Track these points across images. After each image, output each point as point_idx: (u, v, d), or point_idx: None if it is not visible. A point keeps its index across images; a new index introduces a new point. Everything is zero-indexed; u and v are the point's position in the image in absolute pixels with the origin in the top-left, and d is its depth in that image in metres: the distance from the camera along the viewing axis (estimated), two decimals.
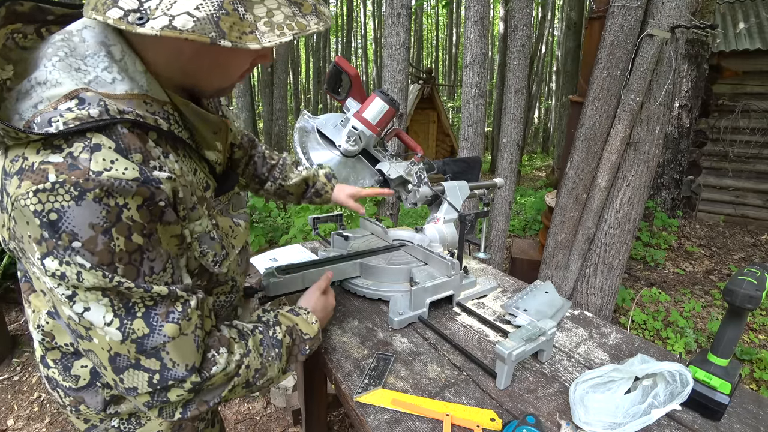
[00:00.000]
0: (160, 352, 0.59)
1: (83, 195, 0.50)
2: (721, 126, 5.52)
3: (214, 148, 0.75)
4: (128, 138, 0.56)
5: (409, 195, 1.38)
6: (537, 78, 15.88)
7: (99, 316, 0.55)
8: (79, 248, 0.52)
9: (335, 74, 1.31)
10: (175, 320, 0.59)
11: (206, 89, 0.70)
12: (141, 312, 0.57)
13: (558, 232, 2.80)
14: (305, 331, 0.83)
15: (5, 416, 2.34)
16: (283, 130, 7.63)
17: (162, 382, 0.60)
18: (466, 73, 3.35)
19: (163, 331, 0.58)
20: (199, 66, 0.63)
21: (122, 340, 0.56)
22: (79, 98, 0.54)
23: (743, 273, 0.81)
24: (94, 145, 0.53)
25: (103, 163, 0.52)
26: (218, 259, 0.73)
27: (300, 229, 3.29)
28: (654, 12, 2.31)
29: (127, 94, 0.58)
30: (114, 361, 0.58)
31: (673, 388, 0.80)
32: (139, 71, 0.60)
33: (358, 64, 23.83)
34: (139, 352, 0.58)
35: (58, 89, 0.54)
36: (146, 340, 0.58)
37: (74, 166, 0.51)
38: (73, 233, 0.51)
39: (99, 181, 0.51)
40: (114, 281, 0.54)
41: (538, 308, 1.18)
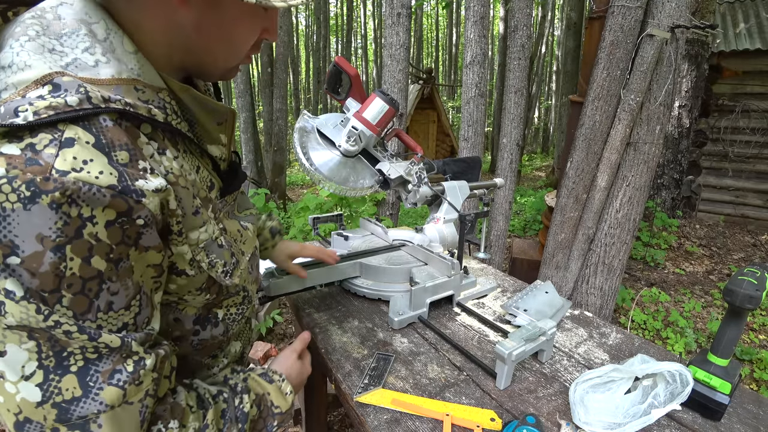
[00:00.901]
0: (90, 424, 0.44)
1: (36, 197, 0.39)
2: (721, 126, 5.52)
3: (219, 141, 0.64)
4: (113, 132, 0.46)
5: (409, 195, 1.38)
6: (537, 78, 15.88)
7: (16, 364, 0.42)
8: (15, 266, 0.40)
9: (335, 74, 1.31)
10: (120, 383, 0.45)
11: (212, 69, 0.62)
12: (77, 366, 0.43)
13: (558, 232, 2.80)
14: (276, 403, 0.68)
15: None
16: (283, 130, 7.63)
17: None
18: (466, 73, 3.35)
19: (101, 396, 0.44)
20: (204, 40, 0.56)
21: (41, 402, 0.42)
22: (53, 84, 0.44)
23: (743, 273, 0.81)
24: (66, 140, 0.42)
25: (72, 162, 0.42)
26: (228, 269, 0.63)
27: (300, 229, 3.29)
28: (654, 12, 2.31)
29: (113, 79, 0.49)
30: (20, 429, 0.43)
31: (673, 388, 0.80)
32: (128, 52, 0.51)
33: (358, 64, 23.84)
34: (61, 421, 0.43)
35: (26, 73, 0.44)
36: (75, 406, 0.43)
37: (33, 160, 0.40)
38: (12, 245, 0.39)
39: (62, 182, 0.40)
40: (49, 321, 0.41)
41: (538, 308, 1.18)
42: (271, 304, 2.95)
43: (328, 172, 1.25)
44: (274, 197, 7.13)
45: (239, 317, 0.71)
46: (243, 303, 0.71)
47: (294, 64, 17.36)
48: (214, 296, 0.64)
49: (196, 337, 0.64)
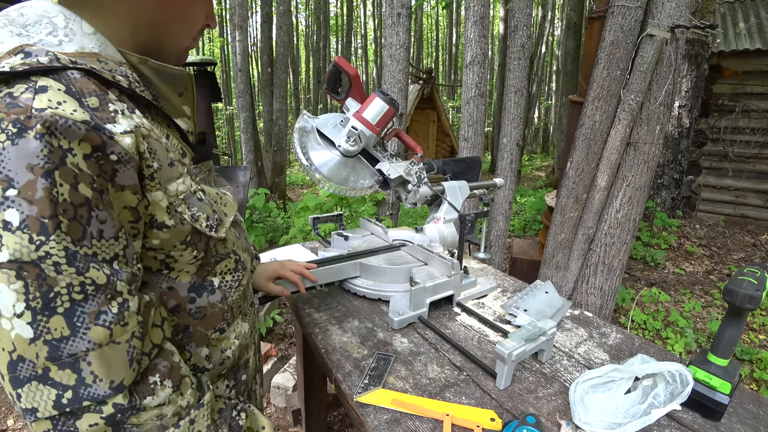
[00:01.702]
0: (80, 362, 0.45)
1: (22, 132, 0.43)
2: (721, 126, 5.52)
3: (183, 113, 0.67)
4: (81, 82, 0.50)
5: (409, 195, 1.38)
6: (537, 78, 15.88)
7: (8, 301, 0.43)
8: (14, 197, 0.43)
9: (335, 74, 1.31)
10: (105, 324, 0.47)
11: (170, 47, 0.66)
12: (63, 308, 0.45)
13: (558, 232, 2.80)
14: None
15: (5, 416, 2.33)
16: (283, 130, 7.63)
17: (74, 403, 0.45)
18: (466, 73, 3.35)
19: (88, 335, 0.46)
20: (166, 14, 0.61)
21: (33, 338, 0.44)
22: (25, 52, 0.49)
23: (743, 273, 0.81)
24: (40, 87, 0.46)
25: (47, 102, 0.45)
26: (212, 224, 0.64)
27: (300, 229, 3.29)
28: (654, 12, 2.31)
29: (77, 53, 0.53)
30: (14, 369, 0.44)
31: (673, 388, 0.80)
32: (86, 33, 0.55)
33: (358, 64, 23.84)
34: (52, 359, 0.45)
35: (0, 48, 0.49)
36: (64, 344, 0.45)
37: (13, 104, 0.44)
38: (7, 179, 0.43)
39: (42, 116, 0.44)
40: (40, 251, 0.43)
41: (538, 308, 1.18)
42: (271, 304, 2.95)
43: (328, 172, 1.25)
44: (274, 197, 7.13)
45: (236, 284, 0.72)
46: (237, 269, 0.72)
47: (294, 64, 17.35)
48: (203, 254, 0.64)
49: (193, 305, 0.65)
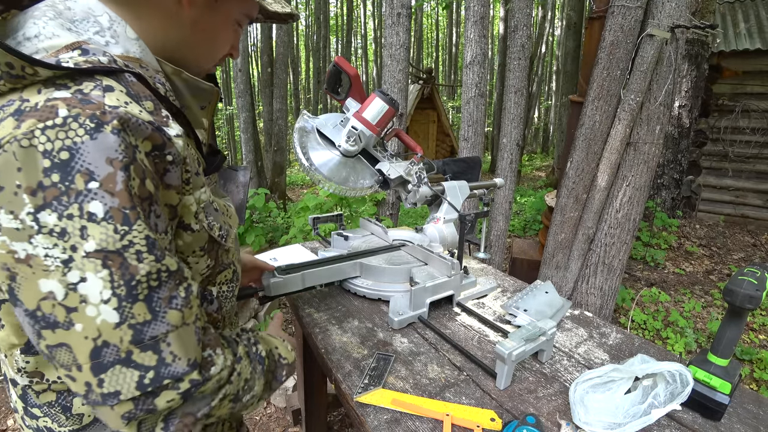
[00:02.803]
0: (160, 343, 0.48)
1: (100, 127, 0.45)
2: (721, 126, 5.52)
3: (201, 125, 0.70)
4: (137, 86, 0.53)
5: (409, 195, 1.38)
6: (537, 78, 15.88)
7: (95, 289, 0.45)
8: (96, 189, 0.44)
9: (335, 74, 1.31)
10: (178, 307, 0.50)
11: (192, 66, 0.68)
12: (143, 295, 0.47)
13: (558, 232, 2.80)
14: (284, 355, 0.74)
15: (5, 416, 2.33)
16: (283, 130, 7.63)
17: (156, 382, 0.48)
18: (466, 73, 3.35)
19: (167, 318, 0.49)
20: (196, 36, 0.65)
21: (118, 323, 0.46)
22: (82, 48, 0.50)
23: (743, 273, 0.81)
24: (106, 86, 0.49)
25: (117, 101, 0.48)
26: (224, 233, 0.67)
27: (300, 229, 3.29)
28: (654, 12, 2.31)
29: (122, 56, 0.55)
30: (97, 355, 0.46)
31: (673, 388, 0.80)
32: (130, 38, 0.57)
33: (358, 64, 23.83)
34: (135, 342, 0.47)
35: (55, 41, 0.51)
36: (147, 327, 0.48)
37: (87, 100, 0.46)
38: (88, 172, 0.44)
39: (117, 113, 0.46)
40: (124, 240, 0.46)
41: (538, 308, 1.18)
42: (271, 304, 2.95)
43: (328, 172, 1.25)
44: (274, 197, 7.13)
45: (230, 295, 0.75)
46: (232, 280, 0.75)
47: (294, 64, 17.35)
48: (213, 262, 0.67)
49: None
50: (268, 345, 0.72)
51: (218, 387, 0.56)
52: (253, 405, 0.66)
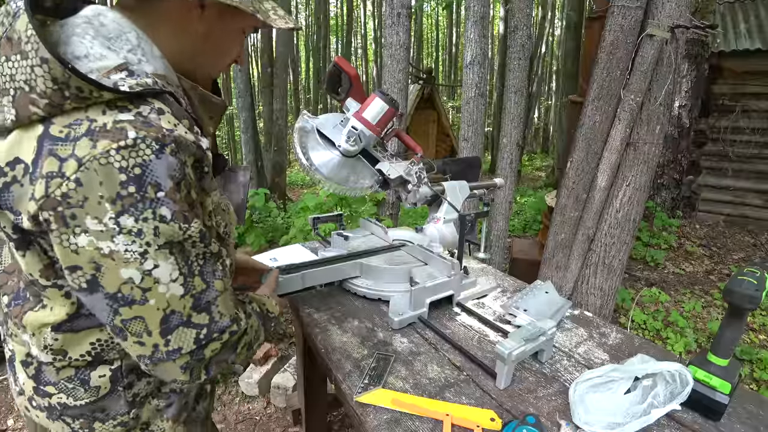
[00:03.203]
0: (211, 306, 0.63)
1: (163, 149, 0.55)
2: (721, 126, 5.52)
3: (209, 133, 0.79)
4: (176, 108, 0.62)
5: (409, 195, 1.38)
6: (537, 78, 15.87)
7: (166, 272, 0.58)
8: (163, 198, 0.55)
9: (335, 74, 1.31)
10: (220, 277, 0.65)
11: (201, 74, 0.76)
12: (197, 270, 0.61)
13: (558, 232, 2.80)
14: (271, 310, 0.87)
15: (5, 416, 2.33)
16: (283, 130, 7.62)
17: (207, 336, 0.63)
18: (466, 73, 3.35)
19: (214, 286, 0.63)
20: (207, 46, 0.73)
21: (183, 294, 0.60)
22: (128, 70, 0.59)
23: (743, 273, 0.81)
24: (158, 109, 0.58)
25: (168, 124, 0.58)
26: (228, 231, 0.77)
27: (300, 229, 3.29)
28: (654, 12, 2.31)
29: (153, 74, 0.62)
30: (166, 321, 0.59)
31: (673, 388, 0.80)
32: (156, 56, 0.65)
33: (358, 64, 23.81)
34: (194, 307, 0.61)
35: (105, 62, 0.58)
36: (202, 295, 0.62)
37: (148, 123, 0.55)
38: (157, 184, 0.55)
39: (173, 137, 0.56)
40: (186, 234, 0.58)
41: (538, 308, 1.18)
42: None
43: (328, 172, 1.25)
44: (274, 197, 7.13)
45: None
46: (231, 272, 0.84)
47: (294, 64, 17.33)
48: None
49: None
50: (259, 302, 0.84)
51: (239, 337, 0.69)
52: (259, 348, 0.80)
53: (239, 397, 2.45)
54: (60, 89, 0.52)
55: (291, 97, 18.02)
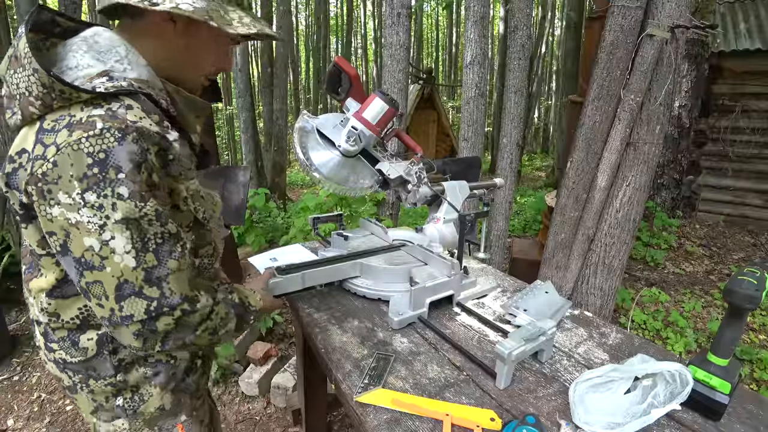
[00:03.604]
0: (162, 282, 0.70)
1: (125, 137, 0.65)
2: (721, 126, 5.52)
3: (195, 130, 0.89)
4: (147, 104, 0.73)
5: (409, 195, 1.38)
6: (537, 78, 15.85)
7: (121, 244, 0.66)
8: (122, 179, 0.65)
9: (335, 74, 1.31)
10: (176, 257, 0.72)
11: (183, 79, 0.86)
12: (152, 248, 0.69)
13: (558, 232, 2.80)
14: (252, 303, 0.94)
15: (5, 416, 2.33)
16: (283, 130, 7.62)
17: (157, 309, 0.69)
18: (466, 73, 3.35)
19: (167, 265, 0.70)
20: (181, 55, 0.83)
21: (135, 267, 0.67)
22: (109, 76, 0.72)
23: (743, 273, 0.81)
24: (128, 105, 0.69)
25: (134, 117, 0.68)
26: (207, 216, 0.87)
27: (300, 229, 3.29)
28: (654, 12, 2.31)
29: (136, 79, 0.75)
30: (120, 288, 0.68)
31: (673, 388, 0.80)
32: (141, 64, 0.77)
33: (358, 64, 23.80)
34: (145, 280, 0.68)
35: (90, 70, 0.72)
36: (154, 271, 0.69)
37: (115, 116, 0.66)
38: (118, 167, 0.65)
39: (135, 126, 0.67)
40: (141, 212, 0.67)
41: (538, 308, 1.18)
42: None
43: (328, 172, 1.25)
44: (274, 197, 7.12)
45: (209, 266, 0.95)
46: (212, 256, 0.96)
47: (294, 64, 17.32)
48: (195, 238, 0.87)
49: None
50: (240, 295, 0.91)
51: (201, 321, 0.76)
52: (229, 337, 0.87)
53: (239, 397, 2.45)
54: (48, 92, 0.66)
55: (291, 97, 18.01)
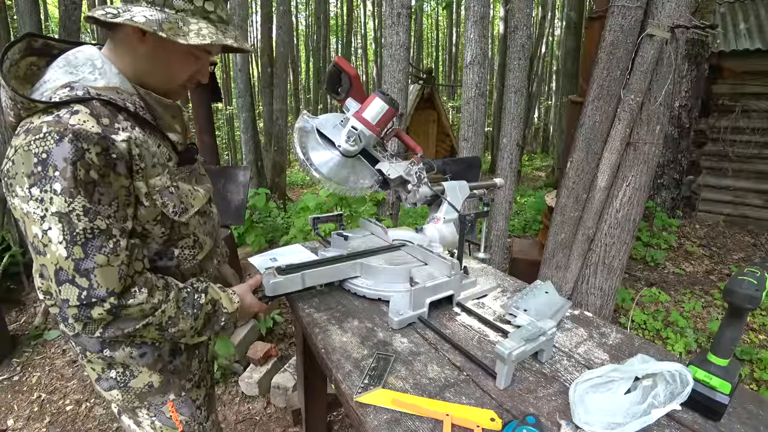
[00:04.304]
0: (90, 274, 0.77)
1: (62, 138, 0.74)
2: (721, 126, 5.51)
3: (175, 130, 0.98)
4: (99, 108, 0.81)
5: (409, 195, 1.38)
6: (537, 78, 15.85)
7: (55, 235, 0.75)
8: (56, 176, 0.73)
9: (335, 74, 1.31)
10: (105, 253, 0.79)
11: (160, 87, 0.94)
12: (81, 241, 0.77)
13: (558, 232, 2.80)
14: (225, 305, 1.01)
15: (5, 416, 2.33)
16: (283, 130, 7.62)
17: (87, 299, 0.78)
18: (466, 73, 3.35)
19: (95, 259, 0.78)
20: (150, 64, 0.90)
21: (66, 257, 0.76)
22: (70, 86, 0.82)
23: (743, 273, 0.80)
24: (75, 110, 0.78)
25: (77, 120, 0.76)
26: (177, 210, 0.94)
27: (300, 229, 3.29)
28: (654, 12, 2.31)
29: (104, 87, 0.85)
30: (57, 275, 0.77)
31: (673, 388, 0.80)
32: (113, 72, 0.87)
33: (358, 64, 23.78)
34: (75, 270, 0.77)
35: (57, 83, 0.82)
36: (81, 263, 0.77)
37: (58, 122, 0.75)
38: (54, 165, 0.73)
39: (72, 129, 0.75)
40: (70, 207, 0.74)
41: (538, 308, 1.18)
42: (270, 304, 2.95)
43: (328, 172, 1.25)
44: (274, 197, 7.12)
45: (191, 257, 1.02)
46: (194, 246, 1.02)
47: (294, 64, 17.30)
48: (169, 232, 0.94)
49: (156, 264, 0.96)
50: (213, 296, 0.98)
51: (142, 315, 0.85)
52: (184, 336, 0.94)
53: (239, 397, 2.45)
54: (15, 104, 0.79)
55: (291, 97, 18.00)
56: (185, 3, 0.85)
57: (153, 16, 0.82)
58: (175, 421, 1.08)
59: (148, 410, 1.05)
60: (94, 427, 2.27)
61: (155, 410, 1.05)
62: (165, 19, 0.82)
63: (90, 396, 2.49)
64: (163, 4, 0.84)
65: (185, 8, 0.85)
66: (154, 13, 0.82)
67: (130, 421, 1.09)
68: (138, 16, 0.81)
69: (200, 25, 0.86)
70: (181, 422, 1.09)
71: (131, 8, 0.83)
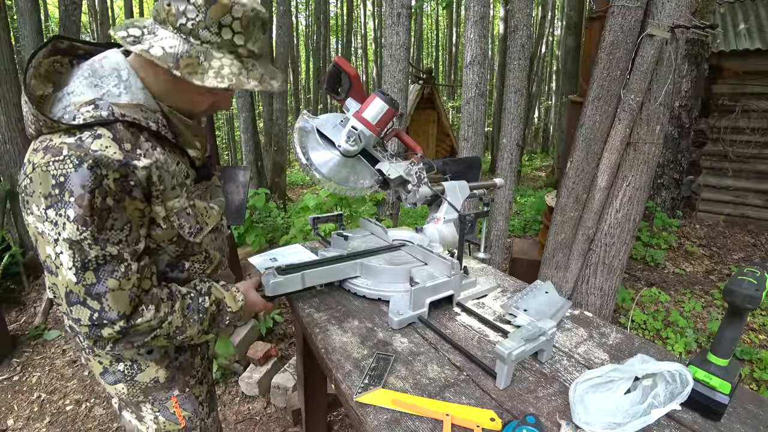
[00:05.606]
0: (101, 298, 0.79)
1: (81, 163, 0.73)
2: (721, 126, 5.51)
3: (194, 147, 0.98)
4: (122, 133, 0.80)
5: (409, 195, 1.38)
6: (537, 78, 15.85)
7: (66, 261, 0.76)
8: (71, 202, 0.73)
9: (335, 74, 1.31)
10: (116, 277, 0.80)
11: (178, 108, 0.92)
12: (93, 267, 0.78)
13: (558, 232, 2.80)
14: (230, 305, 1.03)
15: (5, 416, 2.34)
16: (283, 130, 7.62)
17: (98, 320, 0.80)
18: (466, 73, 3.35)
19: (107, 284, 0.79)
20: (171, 87, 0.88)
21: (76, 282, 0.78)
22: (95, 104, 0.80)
23: (743, 273, 0.80)
24: (97, 134, 0.77)
25: (99, 146, 0.76)
26: (193, 231, 0.96)
27: (300, 229, 3.29)
28: (654, 12, 2.31)
29: (128, 104, 0.83)
30: (68, 297, 0.79)
31: (673, 388, 0.80)
32: (138, 87, 0.85)
33: (358, 64, 23.78)
34: (86, 294, 0.79)
35: (81, 97, 0.80)
36: (93, 287, 0.78)
37: (80, 145, 0.75)
38: (71, 191, 0.73)
39: (93, 155, 0.74)
40: (82, 236, 0.75)
41: (538, 308, 1.18)
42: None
43: (328, 172, 1.25)
44: (274, 197, 7.12)
45: (200, 271, 1.04)
46: (204, 261, 1.04)
47: (294, 64, 17.31)
48: (183, 249, 0.97)
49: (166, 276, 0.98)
50: (217, 295, 1.00)
51: (150, 330, 0.87)
52: (192, 340, 0.97)
53: (239, 397, 2.45)
54: (36, 120, 0.77)
55: (291, 97, 18.01)
56: (212, 35, 0.79)
57: (174, 48, 0.78)
58: (178, 416, 1.09)
59: (152, 405, 1.06)
60: (94, 427, 2.27)
61: (159, 405, 1.06)
62: (185, 53, 0.78)
63: (90, 396, 2.49)
64: (189, 33, 0.79)
65: (212, 41, 0.80)
66: (176, 44, 0.78)
67: (131, 416, 1.10)
68: (156, 47, 0.77)
69: (223, 61, 0.81)
70: (184, 418, 1.10)
71: (157, 31, 0.80)
